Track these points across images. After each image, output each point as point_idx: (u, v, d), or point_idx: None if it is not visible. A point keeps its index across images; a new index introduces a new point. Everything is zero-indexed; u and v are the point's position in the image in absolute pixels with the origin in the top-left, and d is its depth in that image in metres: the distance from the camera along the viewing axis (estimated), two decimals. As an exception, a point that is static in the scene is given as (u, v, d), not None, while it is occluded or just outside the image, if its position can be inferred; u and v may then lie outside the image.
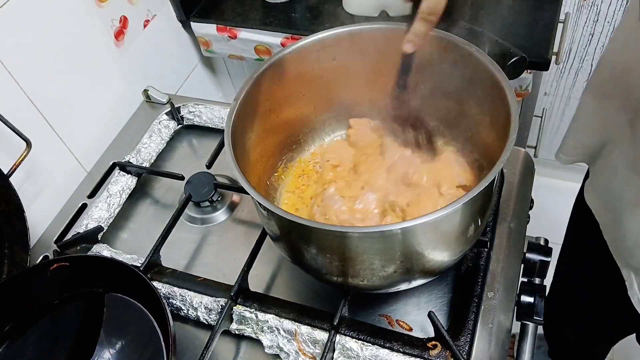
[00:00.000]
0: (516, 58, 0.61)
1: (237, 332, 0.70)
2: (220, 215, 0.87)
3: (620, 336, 1.12)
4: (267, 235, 0.70)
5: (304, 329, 0.67)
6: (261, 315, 0.69)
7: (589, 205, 0.87)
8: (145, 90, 1.05)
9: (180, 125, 1.01)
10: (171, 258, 0.80)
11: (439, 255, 0.60)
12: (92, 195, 0.90)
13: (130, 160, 0.91)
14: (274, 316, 0.68)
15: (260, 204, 0.57)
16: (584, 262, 1.02)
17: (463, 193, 0.59)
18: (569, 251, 1.10)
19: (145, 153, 0.93)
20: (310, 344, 0.67)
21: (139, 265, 0.75)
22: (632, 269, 0.77)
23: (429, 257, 0.59)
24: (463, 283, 0.71)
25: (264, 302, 0.71)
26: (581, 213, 0.93)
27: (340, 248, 0.57)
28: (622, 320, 1.02)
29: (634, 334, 1.01)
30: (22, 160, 0.78)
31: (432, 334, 0.66)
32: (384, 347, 0.65)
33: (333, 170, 0.76)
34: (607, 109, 0.77)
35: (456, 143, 0.77)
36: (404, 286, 0.65)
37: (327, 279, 0.64)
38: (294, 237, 0.62)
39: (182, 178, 0.87)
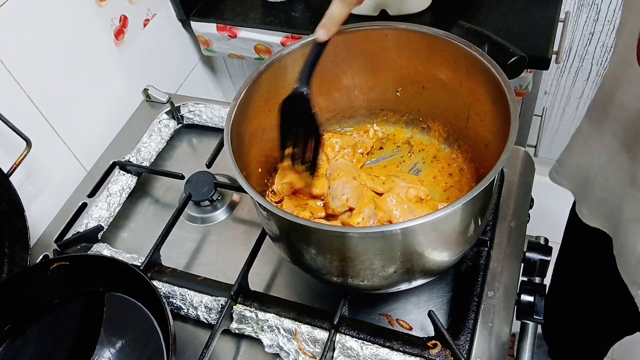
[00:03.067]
0: (516, 58, 0.61)
1: (237, 332, 0.70)
2: (220, 214, 0.87)
3: (620, 336, 1.12)
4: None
5: (304, 328, 0.67)
6: (261, 315, 0.69)
7: (592, 225, 0.86)
8: (145, 90, 1.05)
9: (180, 125, 1.00)
10: (171, 257, 0.80)
11: (439, 255, 0.60)
12: (92, 194, 0.90)
13: (130, 160, 0.91)
14: (274, 315, 0.68)
15: (259, 204, 0.57)
16: (583, 262, 1.02)
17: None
18: (567, 252, 1.10)
19: (145, 152, 0.93)
20: (310, 343, 0.67)
21: (139, 264, 0.75)
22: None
23: (429, 257, 0.59)
24: (463, 282, 0.71)
25: (264, 301, 0.71)
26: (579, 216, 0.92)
27: (339, 248, 0.57)
28: (621, 320, 1.02)
29: (636, 334, 1.01)
30: (22, 159, 0.78)
31: (432, 333, 0.66)
32: (384, 346, 0.65)
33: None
34: (599, 131, 0.76)
35: (456, 143, 0.77)
36: (404, 286, 0.65)
37: (327, 280, 0.64)
38: (294, 237, 0.62)
39: (182, 177, 0.87)
